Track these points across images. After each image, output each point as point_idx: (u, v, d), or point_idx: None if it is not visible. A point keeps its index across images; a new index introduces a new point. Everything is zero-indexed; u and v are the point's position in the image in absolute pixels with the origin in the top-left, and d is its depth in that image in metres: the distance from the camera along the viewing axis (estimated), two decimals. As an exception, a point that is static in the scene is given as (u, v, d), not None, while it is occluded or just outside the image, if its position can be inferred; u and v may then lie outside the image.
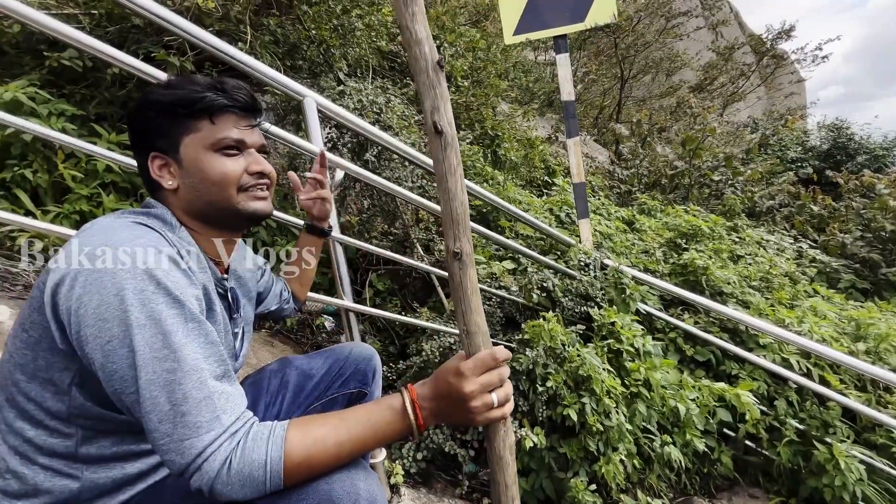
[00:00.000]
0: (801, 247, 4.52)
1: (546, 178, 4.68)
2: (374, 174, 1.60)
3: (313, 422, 0.65)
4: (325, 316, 2.54)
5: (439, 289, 2.57)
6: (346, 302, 1.63)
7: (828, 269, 4.30)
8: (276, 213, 1.25)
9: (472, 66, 4.01)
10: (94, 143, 1.40)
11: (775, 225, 5.41)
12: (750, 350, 2.38)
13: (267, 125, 0.85)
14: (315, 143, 1.47)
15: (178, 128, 0.74)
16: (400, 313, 2.39)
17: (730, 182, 5.48)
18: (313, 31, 2.91)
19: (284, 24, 2.92)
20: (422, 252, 2.63)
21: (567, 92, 2.64)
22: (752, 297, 2.79)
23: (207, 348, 0.63)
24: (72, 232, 1.12)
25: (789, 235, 4.90)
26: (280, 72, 1.43)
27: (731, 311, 2.41)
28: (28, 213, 1.79)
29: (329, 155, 1.41)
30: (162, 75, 1.10)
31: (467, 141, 3.44)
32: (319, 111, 1.49)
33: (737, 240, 4.07)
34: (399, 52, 3.88)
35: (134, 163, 1.19)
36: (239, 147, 0.77)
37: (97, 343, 0.59)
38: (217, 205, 0.76)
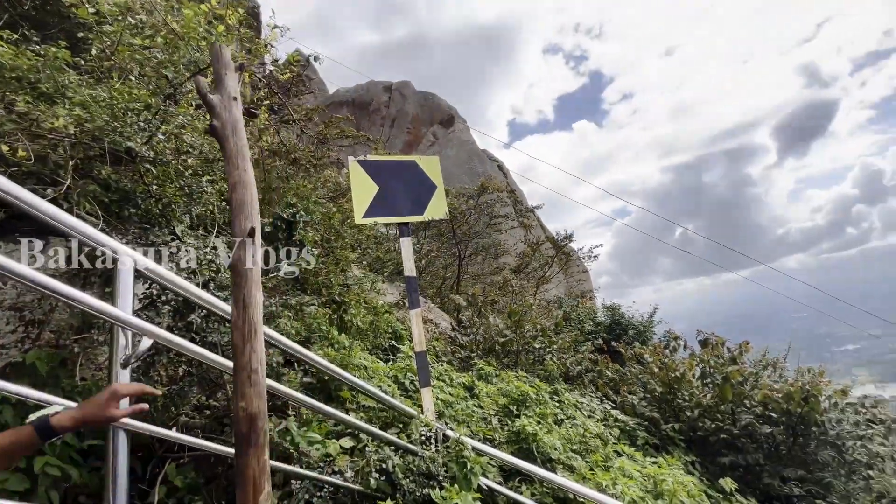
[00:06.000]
0: (606, 408, 5.27)
1: (393, 342, 4.77)
2: (197, 338, 1.41)
3: None
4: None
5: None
6: (116, 516, 1.23)
7: (627, 428, 5.02)
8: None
9: (324, 237, 4.26)
10: None
11: (585, 387, 6.31)
12: (580, 519, 2.46)
13: None
14: (123, 307, 1.28)
15: None
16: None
17: (547, 350, 6.41)
18: (154, 187, 2.79)
19: (121, 173, 2.75)
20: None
21: (409, 269, 2.95)
22: (575, 462, 3.02)
23: None
24: None
25: (596, 397, 5.72)
26: (100, 220, 1.29)
27: (560, 479, 2.54)
28: None
29: (134, 320, 1.23)
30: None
31: (314, 306, 3.40)
32: (137, 271, 1.35)
33: (558, 403, 4.56)
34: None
35: None
36: None
37: None
38: None
